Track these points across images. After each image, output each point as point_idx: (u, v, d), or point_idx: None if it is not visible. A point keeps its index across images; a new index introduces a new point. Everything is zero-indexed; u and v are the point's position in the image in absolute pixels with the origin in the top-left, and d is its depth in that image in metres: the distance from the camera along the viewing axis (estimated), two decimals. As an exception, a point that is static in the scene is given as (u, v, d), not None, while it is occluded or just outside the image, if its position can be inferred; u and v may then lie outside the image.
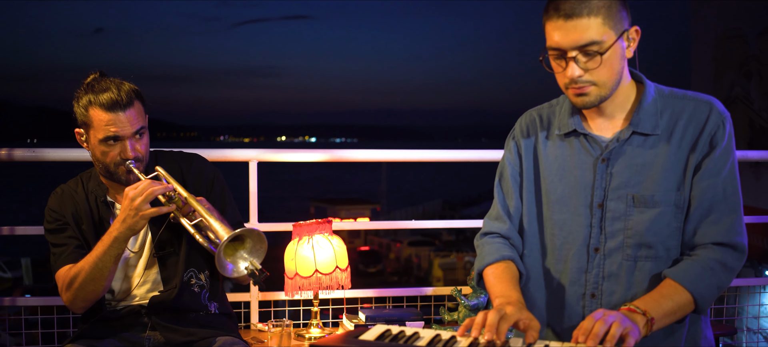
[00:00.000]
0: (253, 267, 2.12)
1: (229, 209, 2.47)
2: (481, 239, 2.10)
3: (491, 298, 1.88)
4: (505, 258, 1.97)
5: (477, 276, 2.05)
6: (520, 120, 2.12)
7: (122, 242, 2.21)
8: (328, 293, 3.05)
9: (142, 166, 2.30)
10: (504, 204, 2.08)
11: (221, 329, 2.40)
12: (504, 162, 2.11)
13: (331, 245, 3.01)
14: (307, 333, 3.03)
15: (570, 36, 1.78)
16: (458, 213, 45.70)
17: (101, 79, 2.28)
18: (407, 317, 3.03)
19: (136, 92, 2.28)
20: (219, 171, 2.51)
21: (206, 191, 2.42)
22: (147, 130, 2.32)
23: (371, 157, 3.55)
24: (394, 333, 1.56)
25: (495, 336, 1.54)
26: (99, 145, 2.26)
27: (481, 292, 2.99)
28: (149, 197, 2.16)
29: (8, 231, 3.14)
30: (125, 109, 2.23)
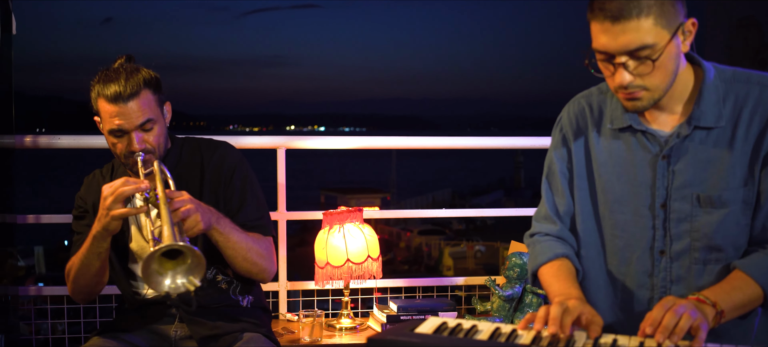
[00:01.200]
0: (192, 284, 1.88)
1: (248, 206, 2.31)
2: (530, 238, 1.99)
3: (549, 297, 1.79)
4: (560, 256, 1.87)
5: (532, 276, 1.94)
6: (567, 109, 1.97)
7: (100, 240, 2.11)
8: (358, 283, 2.99)
9: (154, 157, 2.20)
10: (552, 203, 1.95)
11: (250, 323, 2.31)
12: (551, 156, 1.96)
13: (363, 234, 2.95)
14: (337, 323, 2.97)
15: (618, 40, 1.61)
16: (468, 202, 45.63)
17: (114, 68, 2.18)
18: (439, 307, 2.98)
19: (148, 81, 2.17)
20: (244, 162, 2.37)
21: (224, 183, 2.30)
22: (159, 122, 2.20)
23: (398, 145, 3.48)
24: (451, 326, 1.50)
25: (559, 330, 1.47)
26: (108, 136, 2.20)
27: (516, 282, 2.92)
28: (120, 197, 2.02)
29: (34, 219, 3.09)
30: (128, 101, 2.12)
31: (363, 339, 2.88)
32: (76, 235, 2.33)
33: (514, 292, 2.93)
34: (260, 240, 2.28)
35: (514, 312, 2.98)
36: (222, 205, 2.28)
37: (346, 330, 2.94)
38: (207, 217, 2.07)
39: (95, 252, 2.13)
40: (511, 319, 2.98)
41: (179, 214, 1.98)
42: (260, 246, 2.25)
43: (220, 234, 2.14)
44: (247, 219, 2.29)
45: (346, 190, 46.28)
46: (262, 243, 2.27)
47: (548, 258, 1.87)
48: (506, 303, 2.95)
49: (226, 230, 2.15)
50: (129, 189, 2.02)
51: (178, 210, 1.99)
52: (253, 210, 2.32)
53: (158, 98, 2.21)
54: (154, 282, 1.86)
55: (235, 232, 2.18)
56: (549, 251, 1.88)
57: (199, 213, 2.03)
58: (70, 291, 2.30)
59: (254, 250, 2.22)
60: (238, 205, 2.30)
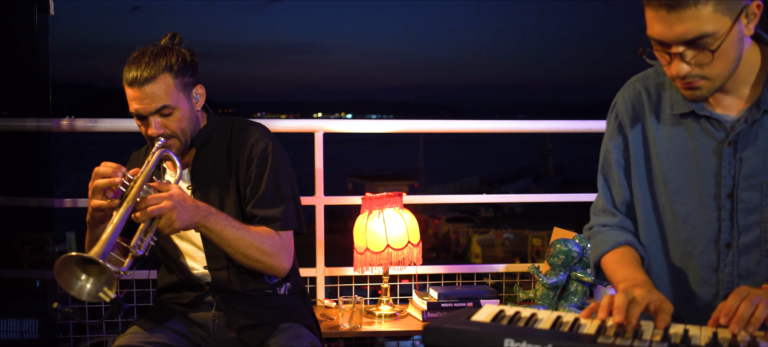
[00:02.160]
0: (107, 295, 1.79)
1: (264, 194, 2.18)
2: (590, 230, 1.90)
3: (614, 285, 1.69)
4: (622, 244, 1.77)
5: (594, 268, 1.84)
6: (622, 93, 1.84)
7: (90, 226, 2.06)
8: (398, 269, 2.93)
9: (178, 141, 2.14)
10: (609, 196, 1.85)
11: (288, 312, 2.23)
12: (607, 145, 1.85)
13: (403, 219, 2.89)
14: (376, 309, 2.92)
15: (674, 30, 1.49)
16: (496, 189, 45.42)
17: (143, 49, 2.12)
18: (481, 295, 2.91)
19: (170, 66, 2.09)
20: (272, 147, 2.21)
21: (246, 166, 2.19)
22: (181, 107, 2.12)
23: (435, 128, 3.40)
24: (509, 314, 1.43)
25: (624, 320, 1.39)
26: (134, 118, 2.16)
27: (560, 270, 2.85)
28: (96, 190, 1.95)
29: (71, 203, 3.07)
30: (144, 86, 2.06)
31: (403, 326, 2.83)
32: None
33: (558, 280, 2.85)
34: (267, 235, 2.14)
35: (559, 301, 2.90)
36: (242, 189, 2.21)
37: (386, 317, 2.88)
38: (187, 216, 1.97)
39: (92, 238, 2.07)
40: (555, 307, 2.90)
41: (148, 212, 1.91)
42: (264, 243, 2.12)
43: (210, 232, 2.05)
44: (260, 208, 2.18)
45: (373, 178, 46.25)
46: (268, 238, 2.14)
47: (610, 247, 1.77)
48: (550, 291, 2.87)
49: (216, 228, 2.04)
50: (102, 183, 1.95)
51: (148, 207, 1.91)
52: (268, 200, 2.18)
53: (182, 82, 2.13)
54: (66, 283, 1.82)
55: (230, 229, 2.06)
56: (610, 240, 1.79)
57: (176, 212, 1.93)
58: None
59: (254, 247, 2.10)
60: (253, 192, 2.19)
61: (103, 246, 1.79)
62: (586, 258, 2.86)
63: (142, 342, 2.13)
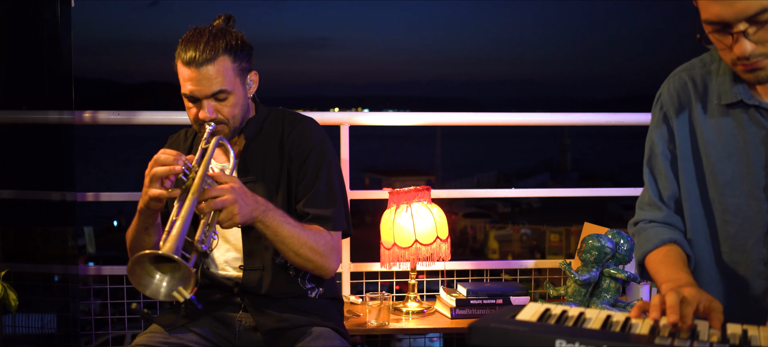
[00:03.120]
0: (182, 295, 1.71)
1: (317, 193, 2.12)
2: (635, 226, 1.83)
3: (657, 285, 1.63)
4: (667, 242, 1.70)
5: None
6: (667, 84, 1.78)
7: (144, 216, 1.98)
8: (426, 265, 2.86)
9: (227, 128, 2.06)
10: (655, 189, 1.78)
11: (320, 316, 2.16)
12: (652, 137, 1.79)
13: (431, 214, 2.82)
14: (404, 306, 2.85)
15: (735, 7, 1.44)
16: (514, 184, 45.26)
17: (200, 29, 2.04)
18: (511, 291, 2.83)
19: (230, 48, 2.02)
20: (326, 144, 2.17)
21: (299, 162, 2.13)
22: (236, 92, 2.05)
23: (463, 121, 3.32)
24: (556, 312, 1.36)
25: (678, 320, 1.32)
26: (183, 99, 2.07)
27: (593, 266, 2.77)
28: (154, 178, 1.87)
29: (93, 197, 3.02)
30: (202, 67, 1.98)
31: (431, 323, 2.76)
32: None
33: (591, 276, 2.77)
34: (320, 234, 2.08)
35: (591, 297, 2.82)
36: (294, 185, 2.14)
37: (414, 314, 2.82)
38: (247, 210, 1.89)
39: (142, 227, 2.01)
40: (588, 304, 2.82)
41: (212, 204, 1.83)
42: (317, 242, 2.06)
43: (266, 228, 1.97)
44: (312, 207, 2.11)
45: (390, 173, 46.20)
46: (321, 237, 2.08)
47: (655, 245, 1.70)
48: (582, 288, 2.79)
49: (273, 224, 1.97)
50: (162, 171, 1.86)
51: (211, 200, 1.83)
52: (322, 198, 2.13)
53: (239, 67, 2.06)
54: (140, 282, 1.72)
55: (286, 226, 1.99)
56: (655, 237, 1.72)
57: (238, 205, 1.86)
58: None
59: (308, 246, 2.03)
60: (306, 190, 2.13)
61: (175, 242, 1.70)
62: (619, 253, 2.78)
63: (161, 343, 2.06)
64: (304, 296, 2.18)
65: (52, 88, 2.72)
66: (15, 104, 2.77)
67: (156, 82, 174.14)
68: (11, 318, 2.66)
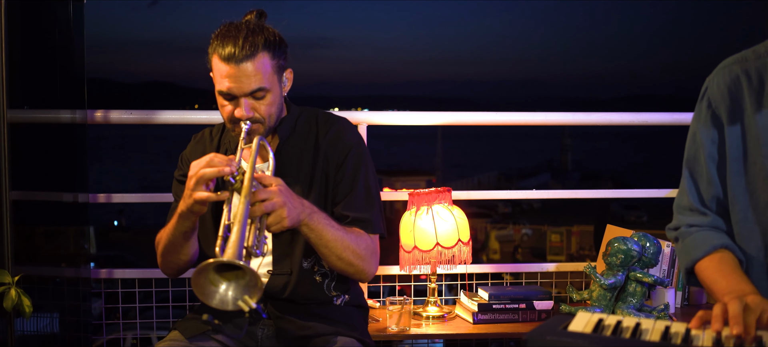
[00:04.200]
0: (247, 304, 1.62)
1: (356, 195, 2.06)
2: (675, 231, 1.74)
3: (716, 295, 1.54)
4: (719, 247, 1.61)
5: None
6: (715, 78, 1.66)
7: (185, 220, 1.90)
8: (446, 268, 2.79)
9: (263, 127, 1.99)
10: (696, 193, 1.69)
11: (345, 325, 2.08)
12: (697, 138, 1.68)
13: (453, 216, 2.75)
14: (423, 310, 2.78)
15: None
16: (514, 185, 45.13)
17: (237, 23, 1.97)
18: (534, 295, 2.76)
19: (269, 44, 1.95)
20: (362, 145, 2.12)
21: (336, 164, 2.07)
22: (274, 90, 1.98)
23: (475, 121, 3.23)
24: (610, 323, 1.29)
25: (742, 331, 1.24)
26: (218, 96, 1.99)
27: (618, 270, 2.69)
28: (202, 180, 1.79)
29: (105, 199, 2.95)
30: (241, 63, 1.90)
31: (452, 328, 2.68)
32: (174, 202, 2.14)
33: (616, 280, 2.70)
34: (361, 237, 2.03)
35: (616, 302, 2.75)
36: (331, 188, 2.07)
37: (434, 319, 2.74)
38: (295, 213, 1.82)
39: (181, 231, 1.93)
40: (613, 309, 2.75)
41: (262, 208, 1.75)
42: (359, 245, 2.00)
43: (311, 231, 1.90)
44: (352, 210, 2.05)
45: (391, 172, 46.06)
46: (362, 241, 2.02)
47: (706, 252, 1.62)
48: (607, 292, 2.72)
49: (318, 227, 1.90)
50: (211, 173, 1.78)
51: (261, 202, 1.75)
52: (361, 201, 2.07)
53: (277, 64, 1.99)
54: (206, 293, 1.63)
55: (330, 229, 1.93)
56: (705, 243, 1.63)
57: (286, 208, 1.79)
58: (159, 264, 2.12)
59: (351, 250, 1.97)
60: (345, 192, 2.07)
61: (237, 248, 1.62)
62: (646, 257, 2.71)
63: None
64: (329, 303, 2.11)
65: (65, 86, 2.65)
66: (26, 103, 2.70)
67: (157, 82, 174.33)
68: (22, 322, 2.59)
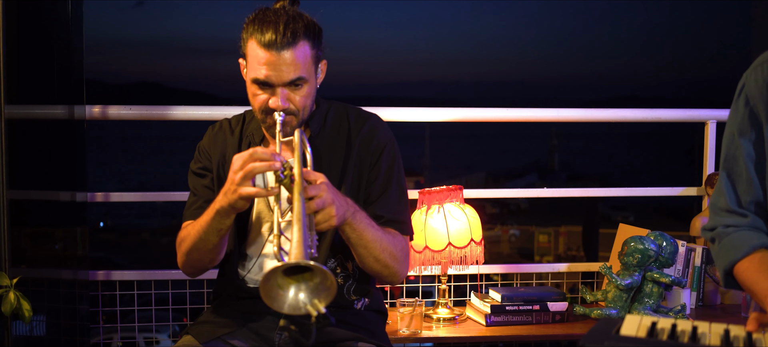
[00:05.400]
0: (316, 308, 1.53)
1: (391, 195, 1.98)
2: (711, 232, 1.66)
3: (758, 296, 1.47)
4: (758, 248, 1.54)
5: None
6: (753, 74, 1.58)
7: (224, 217, 1.78)
8: (458, 269, 2.71)
9: (296, 119, 1.88)
10: (734, 195, 1.62)
11: (366, 331, 1.99)
12: (733, 137, 1.61)
13: (465, 215, 2.67)
14: (434, 312, 2.70)
15: None
16: (502, 185, 45.24)
17: (275, 9, 1.86)
18: (548, 296, 2.68)
19: (309, 32, 1.85)
20: (395, 143, 2.02)
21: (370, 163, 1.98)
22: (311, 81, 1.89)
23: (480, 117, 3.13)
24: (665, 326, 1.21)
25: None
26: (250, 84, 1.88)
27: (635, 270, 2.62)
28: (251, 174, 1.69)
29: (103, 197, 2.85)
30: (282, 51, 1.80)
31: (464, 331, 2.60)
32: (192, 196, 2.03)
33: (633, 280, 2.63)
34: (396, 238, 1.95)
35: (632, 303, 2.68)
36: (363, 187, 1.98)
37: (445, 322, 2.66)
38: (342, 211, 1.73)
39: (216, 228, 1.81)
40: (629, 310, 2.68)
41: (312, 206, 1.65)
42: (395, 246, 1.92)
43: (353, 231, 1.81)
44: (386, 210, 1.96)
45: (379, 173, 45.83)
46: (398, 242, 1.94)
47: (745, 253, 1.54)
48: (623, 293, 2.65)
49: (360, 226, 1.81)
50: (262, 167, 1.68)
51: (311, 199, 1.65)
52: (395, 201, 1.99)
53: (315, 54, 1.89)
54: (273, 297, 1.53)
55: (371, 229, 1.84)
56: (743, 244, 1.55)
57: (334, 206, 1.69)
58: (179, 263, 1.99)
59: (388, 251, 1.89)
60: (379, 192, 1.98)
61: (303, 247, 1.52)
62: (662, 257, 2.64)
63: None
64: (349, 307, 2.01)
65: (63, 83, 2.55)
66: (24, 99, 2.59)
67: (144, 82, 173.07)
68: (20, 326, 2.48)
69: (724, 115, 3.09)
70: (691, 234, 3.00)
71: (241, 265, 2.02)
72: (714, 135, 3.06)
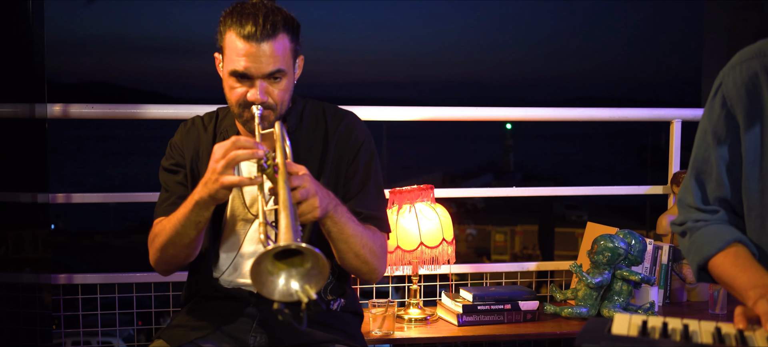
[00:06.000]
0: (307, 294, 1.50)
1: (369, 192, 1.98)
2: (683, 226, 1.64)
3: (738, 291, 1.45)
4: (732, 242, 1.52)
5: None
6: (731, 74, 1.56)
7: (203, 208, 1.75)
8: (430, 268, 2.69)
9: (273, 114, 1.85)
10: (702, 194, 1.60)
11: (343, 332, 1.97)
12: (706, 137, 1.59)
13: (437, 214, 2.65)
14: (405, 313, 2.67)
15: None
16: (458, 185, 45.45)
17: (253, 2, 1.84)
18: (519, 296, 2.68)
19: (288, 25, 1.84)
20: (372, 141, 2.02)
21: (348, 160, 1.98)
22: (289, 75, 1.87)
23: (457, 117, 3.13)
24: (656, 325, 1.20)
25: None
26: (228, 77, 1.85)
27: (605, 268, 2.63)
28: (233, 162, 1.67)
29: (64, 199, 2.76)
30: (261, 42, 1.78)
31: (436, 331, 2.59)
32: (164, 193, 1.98)
33: (603, 279, 2.64)
34: (375, 234, 1.94)
35: (602, 301, 2.69)
36: (341, 184, 1.95)
37: (416, 322, 2.64)
38: (325, 203, 1.71)
39: (194, 221, 1.77)
40: (598, 308, 2.69)
41: (296, 196, 1.63)
42: (375, 243, 1.91)
43: (334, 224, 1.78)
44: (365, 207, 1.95)
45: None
46: (377, 238, 1.93)
47: (719, 248, 1.53)
48: (594, 291, 2.66)
49: (341, 220, 1.79)
50: (244, 154, 1.67)
51: (295, 189, 1.63)
52: (374, 198, 1.98)
53: (294, 48, 1.88)
54: (264, 283, 1.49)
55: (352, 224, 1.83)
56: (717, 239, 1.54)
57: (318, 197, 1.67)
58: (152, 260, 1.94)
59: (368, 247, 1.87)
60: (358, 188, 1.97)
61: (293, 231, 1.49)
62: (631, 255, 2.66)
63: None
64: (326, 308, 1.98)
65: (24, 80, 2.46)
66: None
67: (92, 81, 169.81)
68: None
69: (689, 114, 3.12)
70: (657, 232, 3.02)
71: (215, 264, 1.97)
72: (679, 134, 3.10)
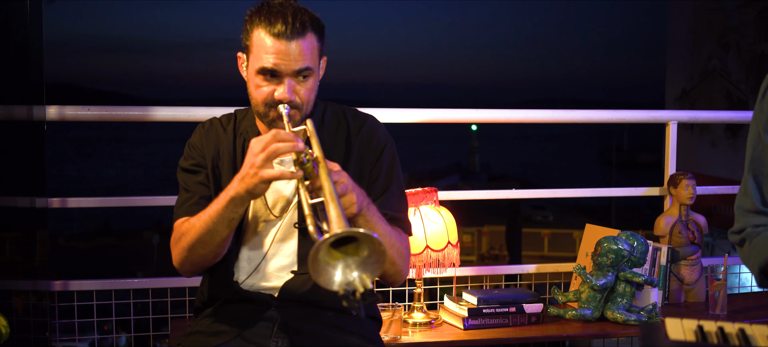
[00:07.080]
0: (363, 284, 1.47)
1: (392, 193, 1.96)
2: (742, 233, 1.64)
3: None
4: None
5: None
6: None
7: (238, 205, 1.73)
8: (436, 272, 2.67)
9: (299, 114, 1.84)
10: (761, 195, 1.60)
11: (361, 337, 1.94)
12: (761, 139, 1.59)
13: (442, 217, 2.64)
14: (409, 317, 2.65)
15: None
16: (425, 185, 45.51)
17: (279, 2, 1.82)
18: (523, 298, 2.68)
19: (315, 24, 1.83)
20: (392, 142, 2.01)
21: (371, 162, 1.96)
22: (315, 74, 1.86)
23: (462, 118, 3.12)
24: (712, 330, 1.20)
25: None
26: (254, 76, 1.83)
27: (609, 270, 2.64)
28: (272, 156, 1.65)
29: (59, 203, 2.69)
30: (291, 40, 1.78)
31: (440, 336, 2.57)
32: (185, 193, 1.93)
33: (607, 281, 2.65)
34: (401, 236, 1.92)
35: (606, 303, 2.70)
36: (364, 186, 1.92)
37: (421, 326, 2.62)
38: (360, 199, 1.70)
39: (227, 218, 1.75)
40: (602, 310, 2.70)
41: (337, 190, 1.61)
42: (402, 244, 1.89)
43: (366, 223, 1.75)
44: (390, 208, 1.93)
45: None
46: (403, 240, 1.92)
47: None
48: (598, 293, 2.67)
49: (373, 219, 1.77)
50: (285, 147, 1.65)
51: (335, 183, 1.61)
52: (397, 199, 1.97)
53: (320, 48, 1.87)
54: (323, 274, 1.46)
55: (382, 223, 1.80)
56: None
57: (355, 192, 1.67)
58: (177, 261, 1.89)
59: (396, 248, 1.85)
60: (382, 189, 1.95)
61: (344, 220, 1.48)
62: (634, 257, 2.67)
63: None
64: (346, 312, 1.95)
65: (21, 84, 2.39)
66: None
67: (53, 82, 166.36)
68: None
69: (684, 116, 3.16)
70: (655, 234, 3.04)
71: (236, 267, 1.93)
72: (675, 136, 3.12)
